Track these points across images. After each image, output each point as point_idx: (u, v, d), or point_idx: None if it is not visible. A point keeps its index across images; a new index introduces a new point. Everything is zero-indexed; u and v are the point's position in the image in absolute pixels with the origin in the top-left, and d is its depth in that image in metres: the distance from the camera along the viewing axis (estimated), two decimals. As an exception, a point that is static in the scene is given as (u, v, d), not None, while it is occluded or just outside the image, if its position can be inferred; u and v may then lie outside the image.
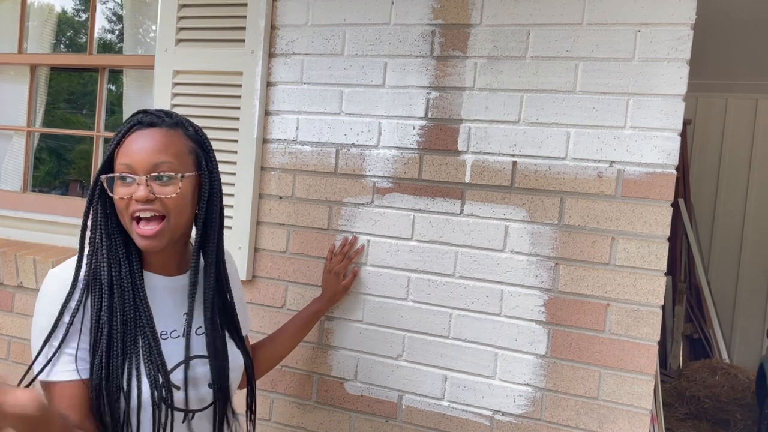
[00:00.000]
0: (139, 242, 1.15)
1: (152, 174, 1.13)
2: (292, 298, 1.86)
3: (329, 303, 1.73)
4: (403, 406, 1.75)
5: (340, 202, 1.81)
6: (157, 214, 1.14)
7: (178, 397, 1.17)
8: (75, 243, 2.30)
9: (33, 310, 2.20)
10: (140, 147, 1.14)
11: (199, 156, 1.21)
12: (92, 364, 1.10)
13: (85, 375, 1.10)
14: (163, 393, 1.13)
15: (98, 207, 1.16)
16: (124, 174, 1.13)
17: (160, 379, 1.13)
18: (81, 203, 2.40)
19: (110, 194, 1.15)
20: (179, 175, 1.16)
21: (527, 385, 1.63)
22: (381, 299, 1.77)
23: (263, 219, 1.90)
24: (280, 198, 1.88)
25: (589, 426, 1.57)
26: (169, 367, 1.17)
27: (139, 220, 1.14)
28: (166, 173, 1.14)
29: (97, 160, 2.44)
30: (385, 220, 1.76)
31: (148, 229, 1.14)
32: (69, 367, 1.09)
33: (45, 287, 1.14)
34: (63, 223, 2.36)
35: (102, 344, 1.10)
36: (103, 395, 1.09)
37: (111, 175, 1.15)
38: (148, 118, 1.17)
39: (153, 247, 1.15)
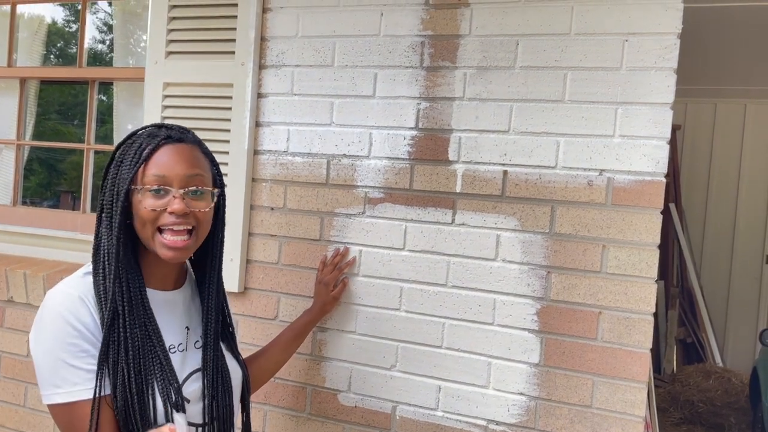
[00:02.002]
0: (165, 253, 1.14)
1: (189, 188, 1.15)
2: (285, 310, 1.86)
3: (320, 314, 1.72)
4: (397, 417, 1.74)
5: (332, 213, 1.81)
6: (189, 228, 1.15)
7: (191, 411, 1.18)
8: (65, 256, 2.29)
9: (24, 324, 2.19)
10: (175, 160, 1.15)
11: (214, 173, 1.25)
12: (115, 385, 1.08)
13: (107, 390, 1.09)
14: (177, 407, 1.13)
15: (119, 220, 1.14)
16: (160, 187, 1.13)
17: (173, 395, 1.13)
18: (72, 216, 2.39)
19: (142, 207, 1.13)
20: (214, 190, 1.21)
21: (521, 394, 1.63)
22: (374, 310, 1.77)
23: (255, 230, 1.90)
24: (272, 209, 1.88)
25: (583, 434, 1.57)
26: (180, 380, 1.18)
27: (162, 230, 1.14)
28: (201, 187, 1.17)
29: (88, 172, 2.43)
30: (376, 231, 1.77)
31: (179, 240, 1.14)
32: (92, 384, 1.07)
33: (54, 306, 1.09)
34: (54, 236, 2.34)
35: (122, 364, 1.09)
36: (134, 412, 1.09)
37: (151, 187, 1.13)
38: (176, 134, 1.19)
39: (178, 258, 1.15)
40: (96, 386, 1.07)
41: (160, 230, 1.14)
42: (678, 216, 5.22)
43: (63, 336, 1.07)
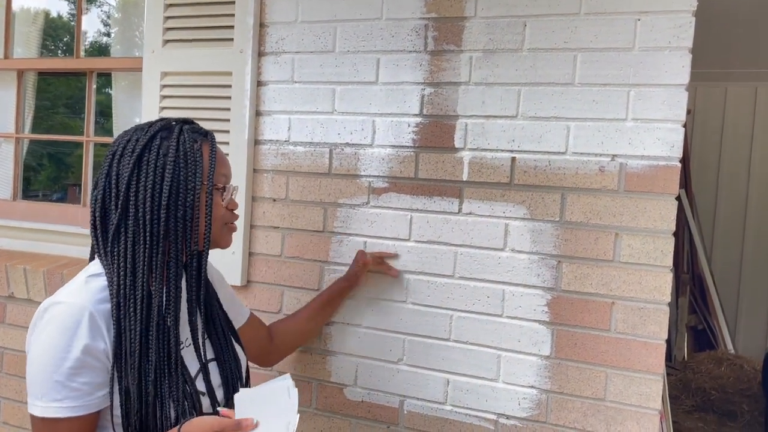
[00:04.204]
0: (228, 244, 1.26)
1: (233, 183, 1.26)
2: (289, 303, 1.82)
3: (348, 283, 1.69)
4: (405, 412, 1.70)
5: (335, 204, 1.76)
6: None
7: (204, 404, 1.16)
8: (67, 251, 2.26)
9: (25, 320, 2.16)
10: (224, 157, 1.24)
11: None
12: (127, 394, 1.06)
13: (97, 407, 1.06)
14: (196, 409, 1.12)
15: (192, 224, 1.14)
16: (226, 185, 1.22)
17: (188, 390, 1.12)
18: (73, 210, 2.35)
19: (216, 206, 1.19)
20: None
21: (532, 387, 1.58)
22: (379, 302, 1.72)
23: (257, 222, 1.86)
24: (274, 200, 1.84)
25: (597, 428, 1.52)
26: (192, 374, 1.16)
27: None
28: None
29: (88, 165, 2.39)
30: (381, 221, 1.72)
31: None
32: (74, 403, 1.04)
33: (57, 319, 1.04)
34: (55, 231, 2.30)
35: (136, 373, 1.06)
36: (147, 418, 1.07)
37: (220, 185, 1.19)
38: (203, 129, 1.22)
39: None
40: (111, 398, 1.06)
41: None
42: (688, 201, 5.15)
43: (60, 353, 1.02)
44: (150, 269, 1.09)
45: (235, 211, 1.28)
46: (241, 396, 1.01)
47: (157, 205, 1.09)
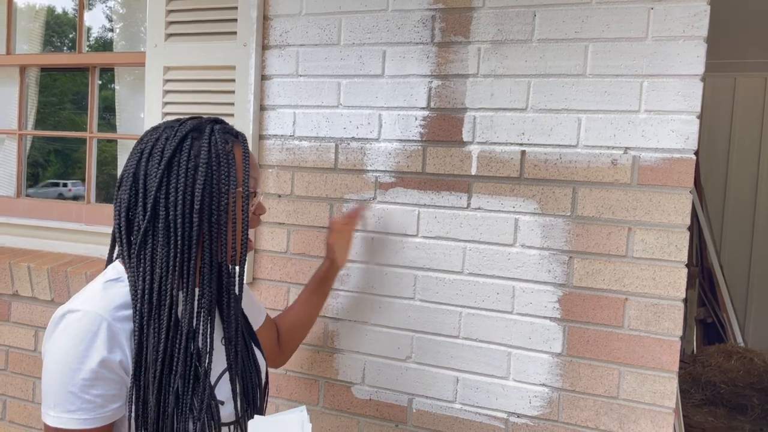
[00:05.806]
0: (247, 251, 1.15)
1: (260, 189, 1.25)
2: (295, 300, 1.79)
3: (329, 263, 1.61)
4: (414, 410, 1.68)
5: (342, 199, 1.74)
6: None
7: (224, 411, 1.12)
8: (70, 248, 2.24)
9: (30, 318, 2.15)
10: (255, 161, 1.21)
11: None
12: (143, 404, 1.03)
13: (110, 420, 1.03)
14: (212, 414, 1.08)
15: (224, 229, 1.09)
16: (255, 190, 1.17)
17: (207, 401, 1.08)
18: (77, 207, 2.33)
19: (253, 210, 1.15)
20: None
21: (543, 385, 1.55)
22: (387, 299, 1.69)
23: (262, 218, 1.83)
24: (279, 196, 1.81)
25: (609, 427, 1.49)
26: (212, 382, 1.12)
27: None
28: None
29: (91, 161, 2.36)
30: (388, 217, 1.69)
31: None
32: (86, 415, 1.01)
33: (75, 332, 1.00)
34: (58, 228, 2.29)
35: (158, 382, 1.03)
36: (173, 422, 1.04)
37: (252, 190, 1.14)
38: (234, 130, 1.18)
39: None
40: (130, 409, 1.02)
41: None
42: (697, 194, 5.10)
43: (75, 363, 0.98)
44: (181, 276, 1.05)
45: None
46: (255, 424, 0.98)
47: (189, 209, 1.05)
